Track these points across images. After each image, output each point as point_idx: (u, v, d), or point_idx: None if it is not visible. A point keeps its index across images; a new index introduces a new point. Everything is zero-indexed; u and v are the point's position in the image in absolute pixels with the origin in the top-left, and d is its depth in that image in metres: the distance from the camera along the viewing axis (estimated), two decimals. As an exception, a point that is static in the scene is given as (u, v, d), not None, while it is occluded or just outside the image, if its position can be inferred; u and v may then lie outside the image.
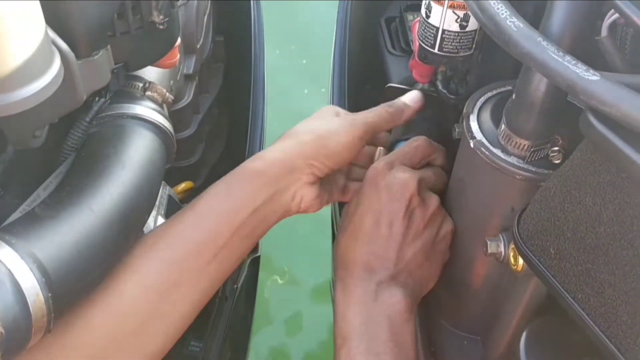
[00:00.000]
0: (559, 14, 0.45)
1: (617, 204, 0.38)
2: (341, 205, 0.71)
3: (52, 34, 0.45)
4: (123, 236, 0.51)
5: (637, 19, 0.39)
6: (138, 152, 0.56)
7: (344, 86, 0.84)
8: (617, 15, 0.42)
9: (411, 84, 0.73)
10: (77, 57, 0.47)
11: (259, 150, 0.84)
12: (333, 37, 0.91)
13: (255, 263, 0.93)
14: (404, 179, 0.59)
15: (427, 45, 0.64)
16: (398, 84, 0.80)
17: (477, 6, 0.47)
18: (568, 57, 0.40)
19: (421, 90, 0.70)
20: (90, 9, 0.47)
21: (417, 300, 0.60)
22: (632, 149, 0.37)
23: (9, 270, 0.41)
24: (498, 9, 0.45)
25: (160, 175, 0.59)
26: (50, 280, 0.44)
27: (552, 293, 0.44)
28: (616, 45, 0.43)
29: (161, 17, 0.53)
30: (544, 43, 0.41)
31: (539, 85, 0.47)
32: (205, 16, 0.80)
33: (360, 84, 0.97)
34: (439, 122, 0.70)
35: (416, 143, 0.64)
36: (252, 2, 0.86)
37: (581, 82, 0.38)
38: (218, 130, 0.98)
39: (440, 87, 0.66)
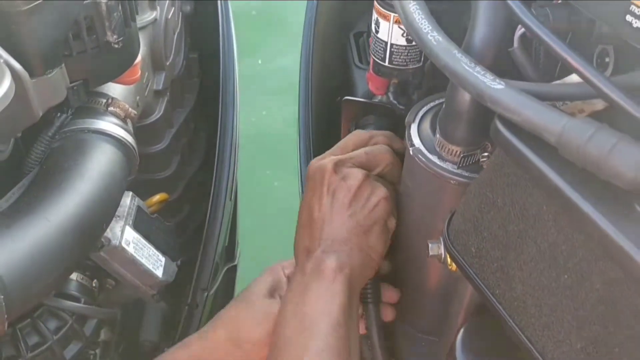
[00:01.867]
0: (480, 27, 0.48)
1: (521, 203, 0.41)
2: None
3: (4, 54, 0.48)
4: (78, 244, 0.54)
5: (540, 32, 0.41)
6: (98, 164, 0.59)
7: (309, 97, 0.87)
8: (525, 27, 0.45)
9: (370, 97, 0.76)
10: (31, 75, 0.50)
11: (229, 158, 0.87)
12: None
13: (231, 272, 0.95)
14: (320, 164, 0.62)
15: (378, 58, 0.67)
16: (361, 96, 0.84)
17: (406, 21, 0.50)
18: (478, 68, 0.43)
19: (378, 102, 0.73)
20: (43, 30, 0.50)
21: (359, 266, 0.59)
22: (531, 151, 0.39)
23: (-38, 275, 0.44)
24: (422, 24, 0.48)
25: (120, 187, 0.62)
26: (4, 287, 0.47)
27: (475, 290, 0.47)
28: (528, 56, 0.46)
29: (115, 36, 0.56)
30: (459, 55, 0.44)
31: (464, 95, 0.50)
32: (176, 34, 0.84)
33: (331, 96, 1.00)
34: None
35: (349, 135, 0.67)
36: (220, 19, 0.90)
37: (488, 91, 0.41)
38: (195, 144, 1.01)
39: (391, 98, 0.69)
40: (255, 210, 1.42)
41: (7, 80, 0.46)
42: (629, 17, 0.37)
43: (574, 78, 0.44)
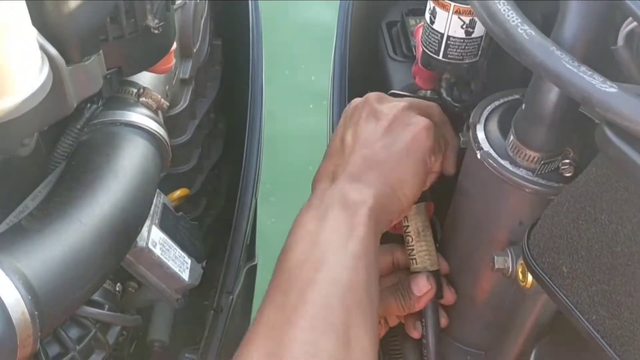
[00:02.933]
0: (572, 20, 0.43)
1: (635, 222, 0.36)
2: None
3: (41, 39, 0.42)
4: (114, 250, 0.49)
5: (656, 27, 0.37)
6: (131, 160, 0.54)
7: (344, 93, 0.82)
8: (635, 23, 0.40)
9: (414, 91, 0.71)
10: (68, 62, 0.45)
11: (256, 157, 0.82)
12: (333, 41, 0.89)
13: (251, 272, 0.91)
14: (357, 100, 0.61)
15: (431, 51, 0.63)
16: (401, 89, 0.79)
17: (486, 13, 0.45)
18: (583, 68, 0.38)
19: (424, 96, 0.68)
20: (81, 12, 0.45)
21: (385, 204, 0.54)
22: (652, 165, 0.35)
23: (-7, 287, 0.39)
24: (509, 16, 0.43)
25: (154, 185, 0.57)
26: (36, 297, 0.42)
27: (564, 313, 0.42)
28: (633, 55, 0.41)
29: (156, 21, 0.51)
30: (558, 52, 0.39)
31: (550, 95, 0.45)
32: (203, 19, 0.78)
33: (361, 90, 0.95)
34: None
35: None
36: (250, 3, 0.84)
37: (597, 94, 0.36)
38: (214, 136, 0.96)
39: (444, 94, 0.64)
40: (272, 206, 1.37)
41: (45, 69, 0.41)
42: None
43: (690, 82, 0.39)
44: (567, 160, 0.48)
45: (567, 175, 0.48)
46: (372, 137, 0.56)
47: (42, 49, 0.42)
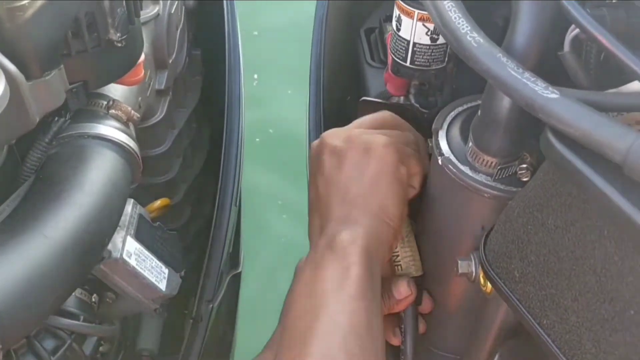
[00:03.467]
0: (523, 26, 0.44)
1: (578, 227, 0.37)
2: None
3: (-1, 56, 0.43)
4: (79, 262, 0.49)
5: (598, 34, 0.37)
6: (98, 173, 0.54)
7: (320, 96, 0.83)
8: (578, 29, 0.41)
9: (387, 98, 0.72)
10: (27, 78, 0.46)
11: (235, 164, 0.83)
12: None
13: (235, 280, 0.91)
14: (315, 143, 0.60)
15: (399, 58, 0.63)
16: (375, 96, 0.79)
17: (440, 20, 0.45)
18: (527, 74, 0.39)
19: (396, 103, 0.69)
20: (41, 28, 0.46)
21: (376, 234, 0.54)
22: (592, 170, 0.35)
23: (-49, 302, 0.40)
24: (459, 23, 0.43)
25: (123, 197, 0.58)
26: (-3, 312, 0.42)
27: (518, 317, 0.43)
28: (580, 61, 0.42)
29: (118, 34, 0.51)
30: (504, 59, 0.40)
31: (503, 101, 0.45)
32: (179, 30, 0.79)
33: (341, 95, 0.96)
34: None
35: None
36: (225, 14, 0.85)
37: (540, 100, 0.37)
38: (198, 145, 0.97)
39: (412, 100, 0.65)
40: (258, 214, 1.38)
41: (2, 84, 0.42)
42: None
43: (633, 86, 0.40)
44: (524, 165, 0.48)
45: (525, 179, 0.48)
46: (339, 176, 0.56)
47: (0, 65, 0.43)
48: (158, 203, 0.81)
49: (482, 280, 0.50)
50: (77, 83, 0.53)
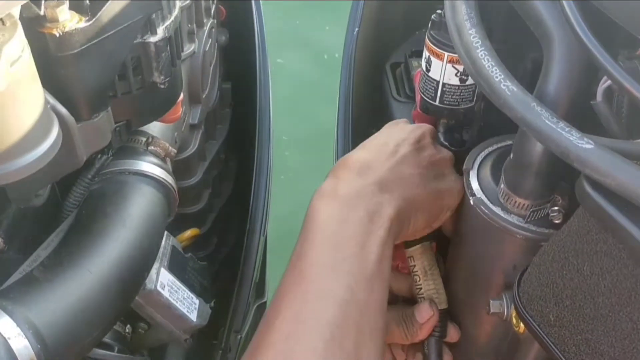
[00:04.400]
0: (555, 75, 0.45)
1: (614, 274, 0.37)
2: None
3: (52, 99, 0.45)
4: (121, 296, 0.51)
5: (629, 86, 0.38)
6: (139, 209, 0.56)
7: (348, 129, 0.84)
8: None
9: (415, 134, 0.73)
10: (78, 120, 0.48)
11: (264, 196, 0.84)
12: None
13: (261, 309, 0.92)
14: (418, 125, 0.62)
15: (428, 97, 0.65)
16: (403, 132, 0.80)
17: (473, 68, 0.47)
18: (562, 124, 0.40)
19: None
20: (91, 73, 0.48)
21: (402, 218, 0.54)
22: (628, 220, 0.36)
23: (5, 338, 0.41)
24: (492, 71, 0.45)
25: (161, 231, 0.59)
26: (45, 347, 0.44)
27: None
28: (612, 110, 0.43)
29: (162, 77, 0.54)
30: (538, 108, 0.41)
31: (536, 146, 0.46)
32: (212, 66, 0.82)
33: (366, 127, 0.97)
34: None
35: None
36: (257, 50, 0.88)
37: (575, 150, 0.38)
38: (225, 175, 0.99)
39: (442, 139, 0.66)
40: (282, 244, 1.38)
41: (55, 129, 0.44)
42: None
43: (667, 137, 0.41)
44: (556, 207, 0.49)
45: (557, 222, 0.49)
46: (415, 162, 0.57)
47: (53, 109, 0.45)
48: (188, 233, 0.83)
49: (514, 320, 0.51)
50: (121, 122, 0.55)
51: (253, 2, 0.88)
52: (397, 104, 0.89)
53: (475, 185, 0.54)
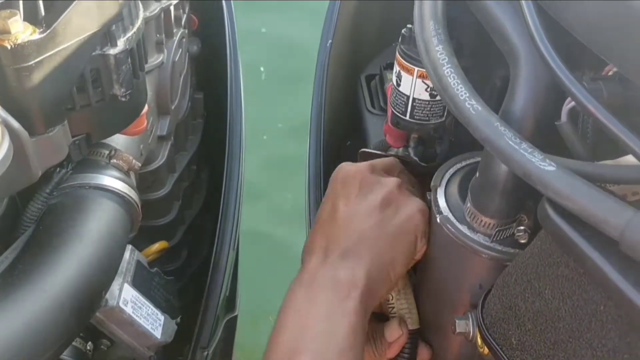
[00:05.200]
0: (521, 95, 0.45)
1: (575, 299, 0.37)
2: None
3: (3, 113, 0.44)
4: (77, 315, 0.49)
5: (592, 108, 0.38)
6: (98, 224, 0.55)
7: (320, 140, 0.84)
8: (575, 101, 0.41)
9: (386, 148, 0.72)
10: (31, 134, 0.46)
11: (234, 209, 0.83)
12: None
13: (231, 323, 0.90)
14: (355, 166, 0.59)
15: (398, 112, 0.64)
16: (375, 145, 0.80)
17: (439, 85, 0.46)
18: (525, 145, 0.39)
19: (395, 155, 0.69)
20: (47, 86, 0.46)
21: (376, 283, 0.54)
22: (588, 244, 0.35)
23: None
24: (458, 90, 0.44)
25: (122, 247, 0.58)
26: (-7, 368, 0.42)
27: (515, 385, 0.42)
28: (576, 131, 0.42)
29: (123, 89, 0.52)
30: (501, 128, 0.41)
31: (501, 166, 0.46)
32: (182, 77, 0.80)
33: (341, 138, 0.97)
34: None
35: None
36: (228, 60, 0.86)
37: (537, 172, 0.37)
38: (197, 186, 0.97)
39: (411, 153, 0.66)
40: (255, 257, 1.37)
41: (6, 144, 0.42)
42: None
43: (629, 159, 0.40)
44: (522, 227, 0.48)
45: (522, 241, 0.48)
46: (367, 211, 0.56)
47: (4, 122, 0.44)
48: (156, 246, 0.81)
49: (479, 342, 0.50)
50: (80, 135, 0.53)
51: (225, 10, 0.87)
52: (371, 116, 0.88)
53: (442, 203, 0.54)
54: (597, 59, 0.39)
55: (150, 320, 0.68)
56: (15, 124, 0.44)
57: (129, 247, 0.69)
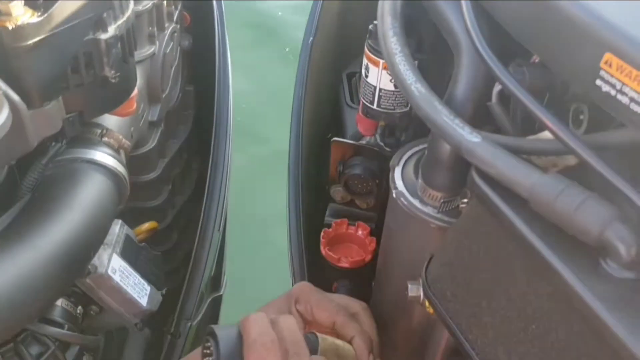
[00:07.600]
0: (462, 81, 0.50)
1: (494, 252, 0.42)
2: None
3: (4, 86, 0.50)
4: (65, 271, 0.55)
5: (514, 89, 0.44)
6: (87, 194, 0.60)
7: (300, 134, 0.89)
8: (503, 83, 0.47)
9: (359, 138, 0.78)
10: (29, 107, 0.52)
11: (219, 193, 0.88)
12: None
13: (216, 302, 0.96)
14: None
15: (367, 101, 0.70)
16: (351, 136, 0.86)
17: (392, 72, 0.52)
18: (457, 120, 0.45)
19: (364, 143, 0.75)
20: (43, 65, 0.52)
21: None
22: (505, 204, 0.41)
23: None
24: (406, 75, 0.50)
25: (109, 216, 0.63)
26: (-12, 310, 0.48)
27: (450, 334, 0.48)
28: (506, 111, 0.48)
29: (112, 72, 0.58)
30: (440, 107, 0.46)
31: (445, 144, 0.51)
32: (173, 68, 0.86)
33: (323, 132, 1.02)
34: (380, 173, 0.74)
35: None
36: (217, 55, 0.92)
37: (465, 143, 0.43)
38: (186, 174, 1.03)
39: (378, 140, 0.71)
40: (243, 240, 1.43)
41: (5, 111, 0.48)
42: (598, 82, 0.39)
43: (547, 134, 0.46)
44: (465, 200, 0.54)
45: (465, 212, 0.54)
46: None
47: (5, 94, 0.50)
48: (146, 226, 0.87)
49: (427, 302, 0.55)
50: (74, 113, 0.59)
51: (216, 9, 0.93)
52: (350, 110, 0.94)
53: (398, 180, 0.59)
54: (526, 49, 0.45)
55: (137, 289, 0.74)
56: (14, 96, 0.50)
57: (119, 221, 0.75)
